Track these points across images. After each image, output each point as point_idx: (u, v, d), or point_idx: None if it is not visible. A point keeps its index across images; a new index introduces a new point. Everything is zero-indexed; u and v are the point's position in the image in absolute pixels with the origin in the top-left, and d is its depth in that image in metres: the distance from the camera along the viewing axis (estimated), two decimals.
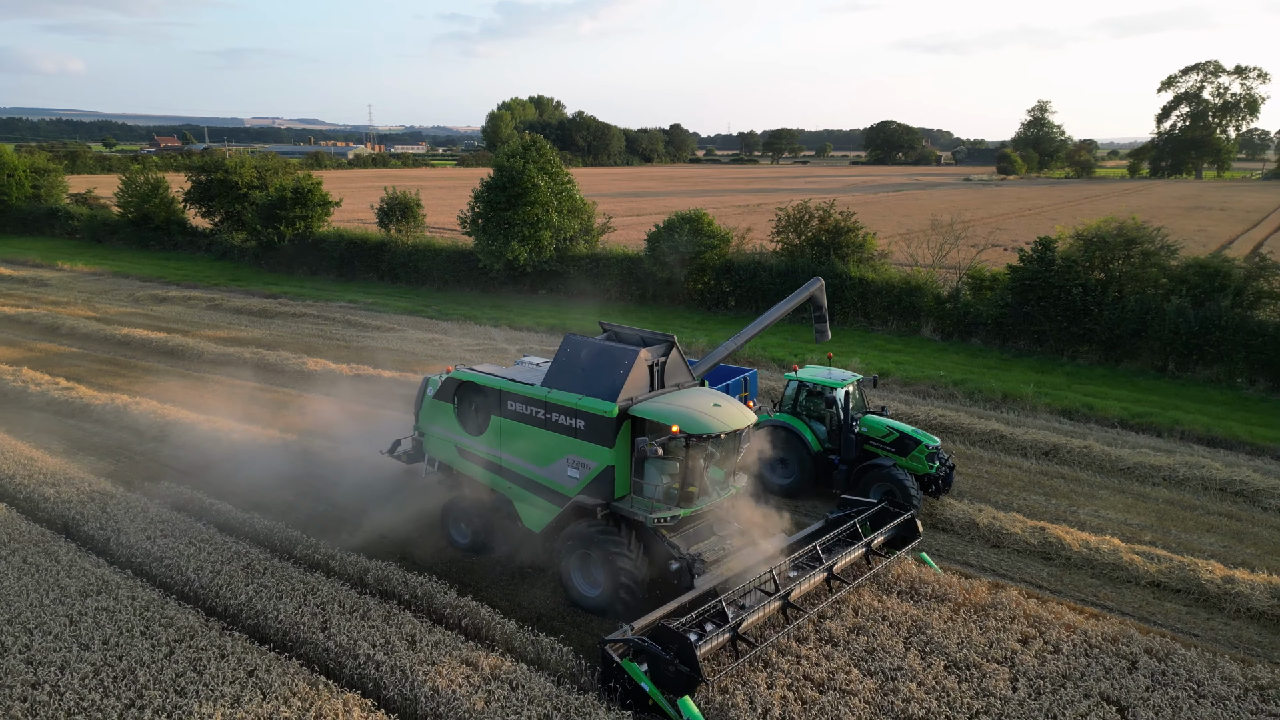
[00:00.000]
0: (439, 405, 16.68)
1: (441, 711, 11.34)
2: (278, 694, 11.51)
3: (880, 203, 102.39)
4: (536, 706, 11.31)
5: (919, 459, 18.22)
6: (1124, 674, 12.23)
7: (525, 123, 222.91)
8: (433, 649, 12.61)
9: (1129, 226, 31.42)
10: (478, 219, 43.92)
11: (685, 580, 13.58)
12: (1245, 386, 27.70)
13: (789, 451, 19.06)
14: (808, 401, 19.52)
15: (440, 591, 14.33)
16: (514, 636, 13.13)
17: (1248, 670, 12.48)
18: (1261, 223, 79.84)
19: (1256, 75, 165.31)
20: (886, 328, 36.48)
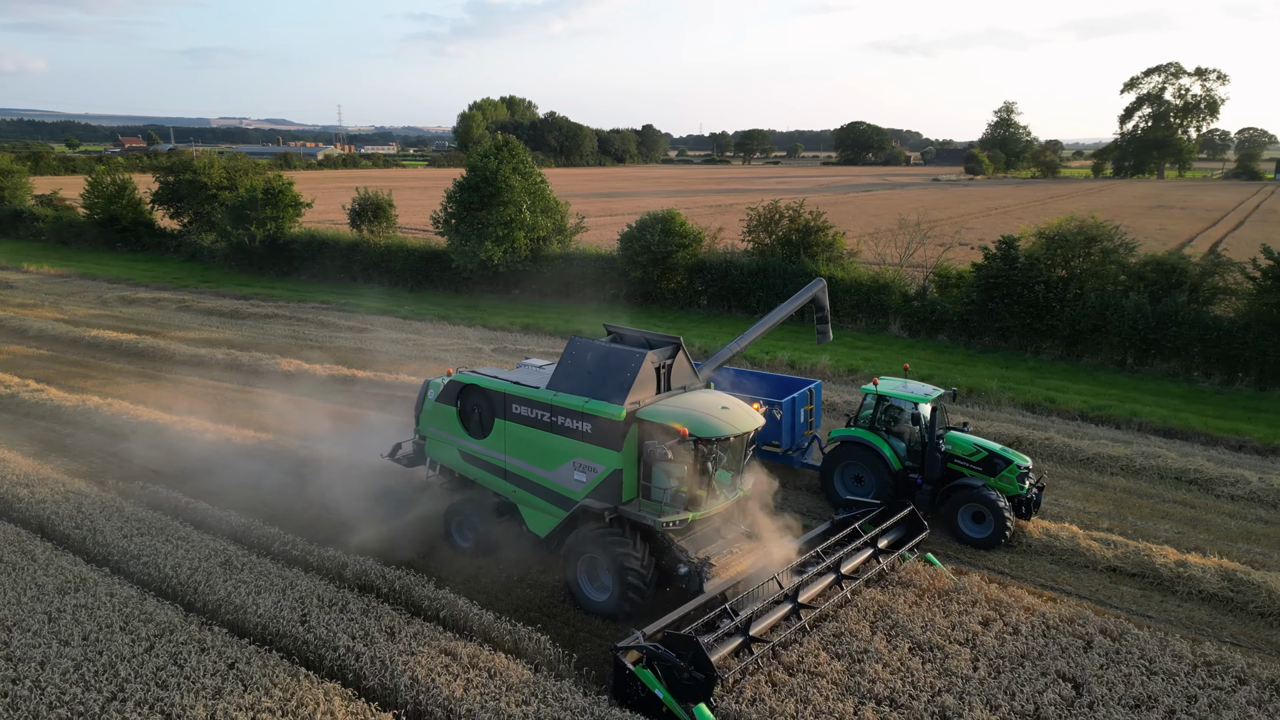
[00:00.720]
0: (441, 408, 16.52)
1: (421, 699, 11.58)
2: (259, 685, 11.70)
3: (850, 203, 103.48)
4: (514, 693, 11.60)
5: (1009, 479, 17.24)
6: (1079, 653, 12.76)
7: (497, 123, 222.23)
8: (411, 639, 12.86)
9: (1089, 225, 32.23)
10: (451, 219, 44.01)
11: (694, 584, 13.46)
12: (1201, 380, 28.58)
13: (866, 469, 18.24)
14: (886, 416, 18.55)
15: (418, 585, 14.54)
16: (491, 627, 13.38)
17: (1197, 648, 13.05)
18: (1220, 221, 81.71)
19: (1216, 77, 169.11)
20: (856, 325, 37.07)
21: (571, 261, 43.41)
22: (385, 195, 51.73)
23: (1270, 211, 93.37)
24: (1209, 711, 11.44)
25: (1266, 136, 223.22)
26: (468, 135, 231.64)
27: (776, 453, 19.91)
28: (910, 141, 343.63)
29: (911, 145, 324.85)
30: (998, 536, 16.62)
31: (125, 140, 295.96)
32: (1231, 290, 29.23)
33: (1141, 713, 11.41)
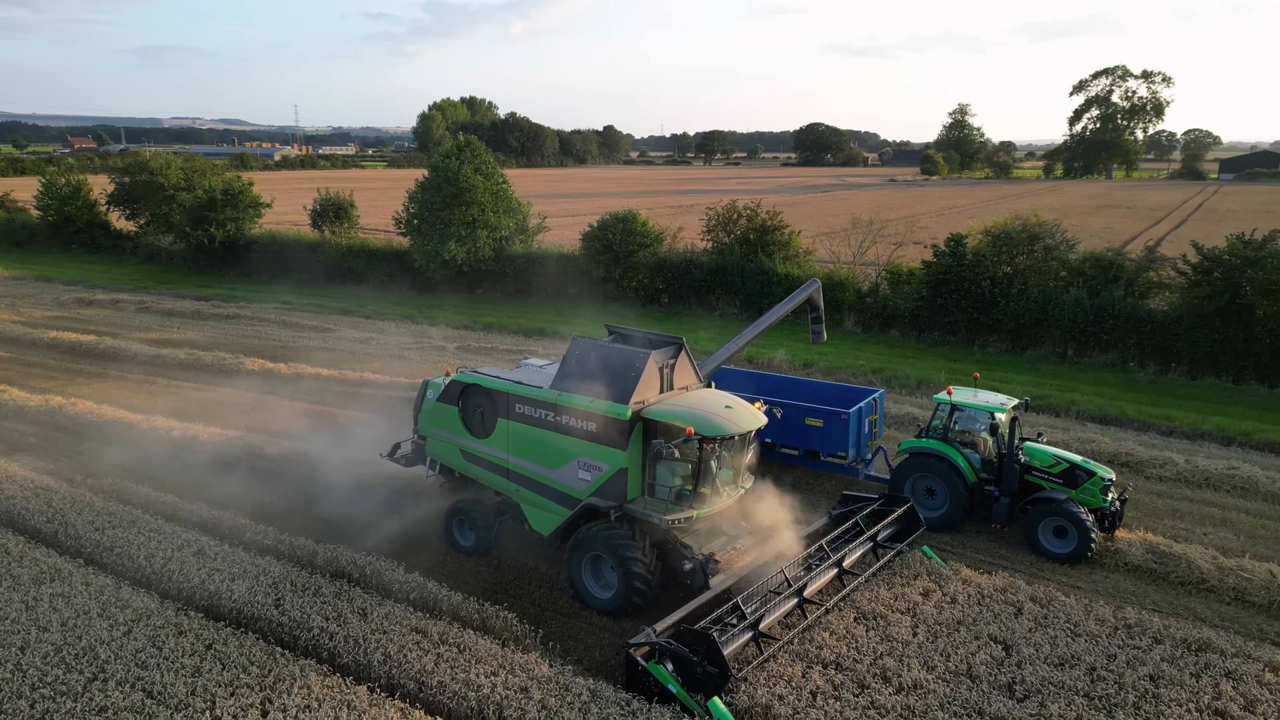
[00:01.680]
0: (442, 408, 16.54)
1: (394, 673, 12.18)
2: (236, 663, 12.21)
3: (809, 203, 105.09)
4: (484, 665, 12.25)
5: (1092, 492, 16.70)
6: (1010, 618, 13.72)
7: (457, 124, 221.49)
8: (383, 619, 13.44)
9: (1033, 224, 33.58)
10: (413, 219, 44.35)
11: (698, 580, 13.60)
12: (1136, 370, 30.00)
13: (939, 481, 17.65)
14: (960, 427, 18.08)
15: (388, 570, 15.09)
16: (460, 606, 14.01)
17: (1119, 613, 14.08)
18: (1163, 220, 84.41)
19: (1161, 80, 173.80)
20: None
21: (534, 261, 43.98)
22: (347, 196, 51.84)
23: (1211, 210, 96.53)
24: (1125, 668, 12.42)
25: (1211, 138, 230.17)
26: (428, 136, 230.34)
27: (842, 464, 19.48)
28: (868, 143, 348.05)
29: (869, 146, 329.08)
30: (1081, 552, 16.12)
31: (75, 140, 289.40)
32: (1165, 284, 30.72)
33: (1065, 670, 12.36)
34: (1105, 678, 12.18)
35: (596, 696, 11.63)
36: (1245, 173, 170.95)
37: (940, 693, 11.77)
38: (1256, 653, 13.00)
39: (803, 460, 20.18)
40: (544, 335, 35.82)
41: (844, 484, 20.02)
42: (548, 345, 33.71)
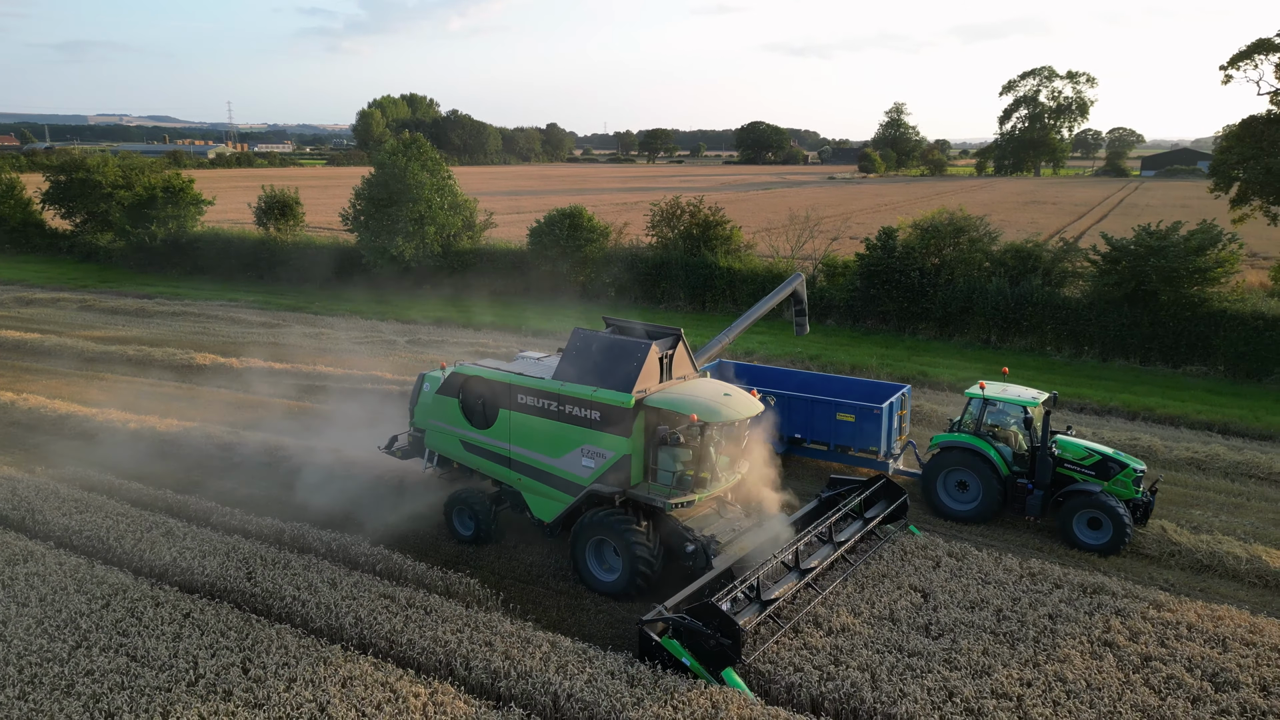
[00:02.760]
0: (442, 400, 16.89)
1: (365, 633, 13.09)
2: (215, 629, 13.00)
3: (750, 200, 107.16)
4: (449, 624, 13.23)
5: (1125, 484, 16.88)
6: (929, 570, 15.16)
7: (398, 121, 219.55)
8: (352, 587, 14.32)
9: (958, 217, 35.52)
10: (360, 216, 44.70)
11: (700, 561, 14.11)
12: (1053, 353, 32.06)
13: (972, 475, 17.82)
14: (992, 421, 18.24)
15: (354, 544, 15.97)
16: (425, 574, 14.97)
17: (1024, 563, 15.61)
18: (1086, 215, 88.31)
19: (1086, 80, 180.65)
20: None
21: (482, 256, 44.72)
22: (293, 193, 51.82)
23: (1132, 205, 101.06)
24: (1028, 608, 13.93)
25: (1134, 136, 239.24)
26: (368, 133, 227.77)
27: (874, 459, 19.75)
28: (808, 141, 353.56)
29: (809, 145, 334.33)
30: (1117, 543, 16.38)
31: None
32: (1078, 274, 32.85)
33: (975, 611, 13.82)
34: (1010, 617, 13.65)
35: (555, 647, 12.71)
36: (1165, 170, 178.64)
37: (865, 634, 13.11)
38: (1144, 594, 14.61)
39: (832, 455, 20.49)
40: (493, 329, 36.64)
41: (837, 471, 20.32)
42: (498, 339, 34.56)
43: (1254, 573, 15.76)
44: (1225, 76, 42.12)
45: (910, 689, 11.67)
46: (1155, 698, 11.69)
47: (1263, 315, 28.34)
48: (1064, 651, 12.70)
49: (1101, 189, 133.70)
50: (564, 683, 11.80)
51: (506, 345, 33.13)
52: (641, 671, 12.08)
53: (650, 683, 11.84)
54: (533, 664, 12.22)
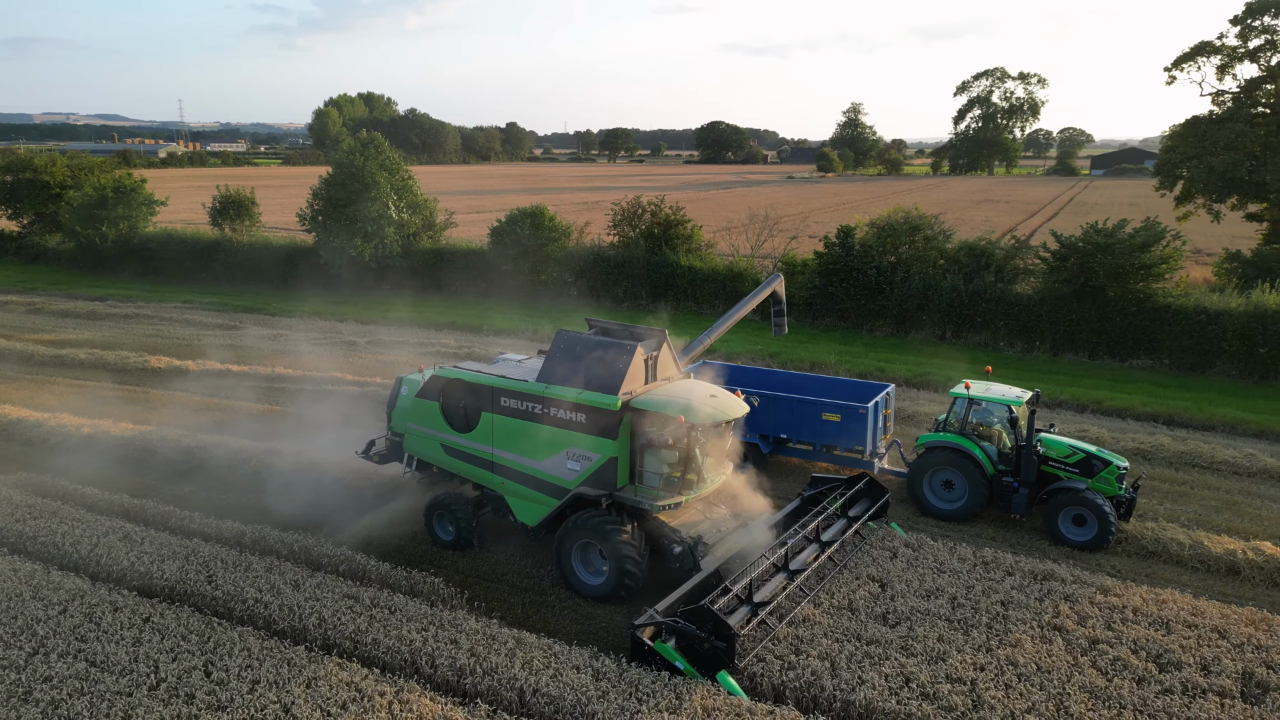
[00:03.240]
0: (422, 404, 16.61)
1: (329, 634, 13.08)
2: (175, 633, 12.90)
3: (711, 199, 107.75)
4: (414, 623, 13.28)
5: (1109, 480, 17.09)
6: (887, 561, 15.52)
7: (355, 120, 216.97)
8: (315, 588, 14.29)
9: (914, 216, 36.18)
10: (318, 216, 44.26)
11: (688, 563, 14.07)
12: (1006, 348, 32.82)
13: (957, 474, 17.93)
14: (977, 420, 18.32)
15: (317, 545, 15.91)
16: (389, 574, 14.97)
17: (978, 553, 16.03)
18: (1037, 213, 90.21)
19: (1037, 81, 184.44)
20: (714, 310, 39.83)
21: (443, 256, 44.52)
22: (248, 193, 51.11)
23: (1082, 204, 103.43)
24: (981, 596, 14.33)
25: (1084, 135, 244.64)
26: (324, 132, 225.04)
27: (859, 458, 19.73)
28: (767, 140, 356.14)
29: (769, 144, 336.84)
30: (1102, 539, 16.59)
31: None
32: (1029, 271, 33.66)
33: (931, 600, 14.19)
34: (964, 604, 14.04)
35: (521, 643, 12.83)
36: (1114, 168, 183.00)
37: (824, 624, 13.40)
38: (1091, 580, 15.10)
39: (817, 455, 20.46)
40: (455, 329, 36.52)
41: (823, 471, 20.31)
42: (460, 339, 34.46)
43: (1196, 558, 16.36)
44: (1170, 78, 43.48)
45: (868, 676, 11.98)
46: (1102, 679, 12.12)
47: (1205, 310, 29.29)
48: (1015, 636, 13.11)
49: (1052, 188, 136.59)
50: (529, 678, 11.92)
51: (469, 346, 33.06)
52: (606, 666, 12.24)
53: (615, 676, 12.00)
54: (498, 660, 12.32)
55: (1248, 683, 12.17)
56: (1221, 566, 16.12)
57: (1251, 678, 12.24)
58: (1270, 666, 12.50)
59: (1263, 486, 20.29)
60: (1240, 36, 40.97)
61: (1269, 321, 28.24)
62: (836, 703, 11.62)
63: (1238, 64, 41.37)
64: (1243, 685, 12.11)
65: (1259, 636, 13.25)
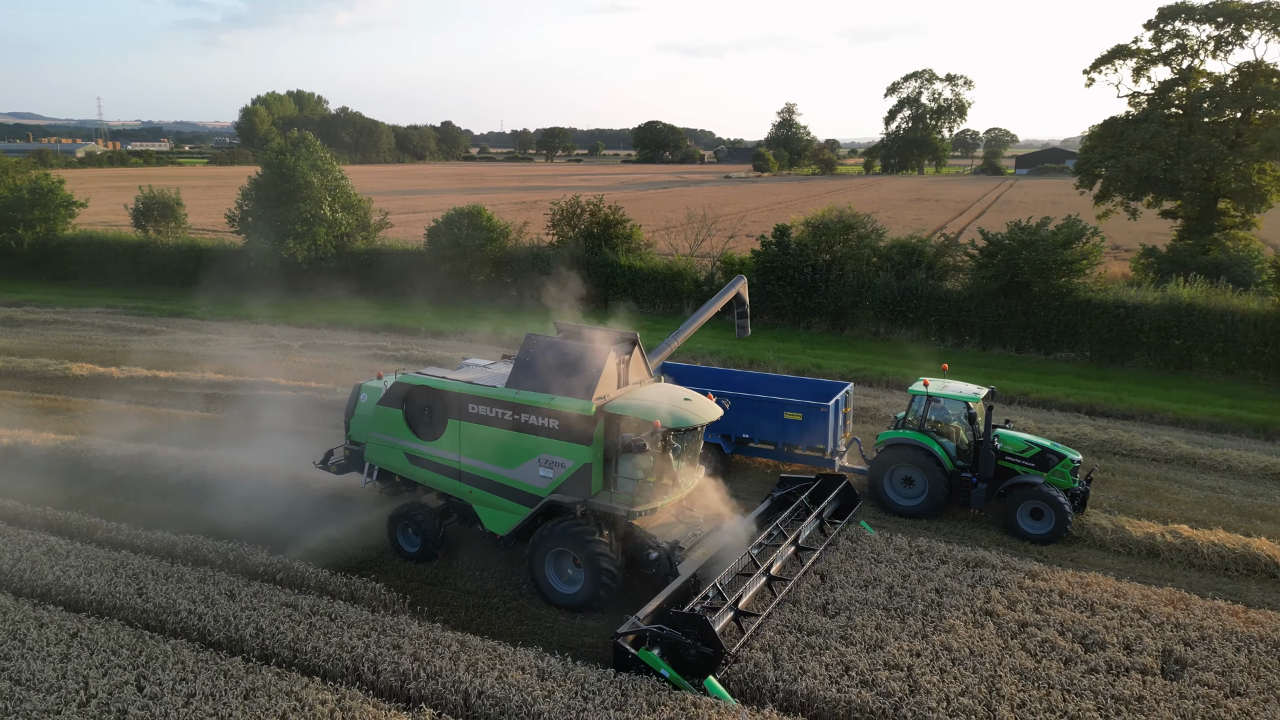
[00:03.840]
0: (385, 412, 16.12)
1: (267, 644, 12.83)
2: (105, 648, 12.51)
3: (649, 199, 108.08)
4: (355, 629, 13.11)
5: (1063, 474, 17.52)
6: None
7: (284, 119, 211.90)
8: (252, 598, 14.00)
9: (847, 215, 36.89)
10: (248, 217, 43.18)
11: (664, 568, 13.87)
12: (938, 343, 33.71)
13: (917, 471, 18.05)
14: (935, 417, 18.53)
15: (252, 554, 15.55)
16: (328, 581, 14.74)
17: (913, 542, 16.46)
18: (966, 211, 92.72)
19: (963, 83, 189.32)
20: (654, 309, 40.14)
21: (378, 257, 43.85)
22: (173, 194, 49.59)
23: (1008, 202, 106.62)
24: (917, 584, 14.73)
25: (1009, 136, 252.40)
26: (252, 131, 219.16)
27: (821, 456, 19.85)
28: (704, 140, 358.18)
29: (706, 144, 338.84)
30: (1058, 533, 16.92)
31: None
32: (958, 268, 34.62)
33: (869, 589, 14.53)
34: (900, 593, 14.42)
35: (465, 646, 12.78)
36: (1038, 168, 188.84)
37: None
38: (1020, 565, 15.65)
39: (778, 455, 20.51)
40: (392, 331, 36.03)
41: (786, 470, 20.49)
42: (397, 341, 34.02)
43: (1118, 542, 17.07)
44: (1089, 80, 45.19)
45: (809, 666, 12.24)
46: (1031, 660, 12.58)
47: (1124, 304, 30.52)
48: (950, 622, 13.52)
49: (979, 186, 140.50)
50: (474, 680, 11.88)
51: (406, 348, 32.66)
52: (552, 665, 12.27)
53: (561, 676, 12.04)
54: (442, 664, 12.24)
55: (1167, 660, 12.75)
56: (1142, 549, 16.86)
57: (1171, 655, 12.84)
58: (1188, 643, 13.12)
59: (1179, 472, 21.25)
60: (1154, 40, 42.80)
61: (1183, 314, 29.57)
62: (779, 693, 11.84)
63: (1152, 67, 43.20)
64: (1163, 662, 12.69)
65: (1177, 615, 13.90)
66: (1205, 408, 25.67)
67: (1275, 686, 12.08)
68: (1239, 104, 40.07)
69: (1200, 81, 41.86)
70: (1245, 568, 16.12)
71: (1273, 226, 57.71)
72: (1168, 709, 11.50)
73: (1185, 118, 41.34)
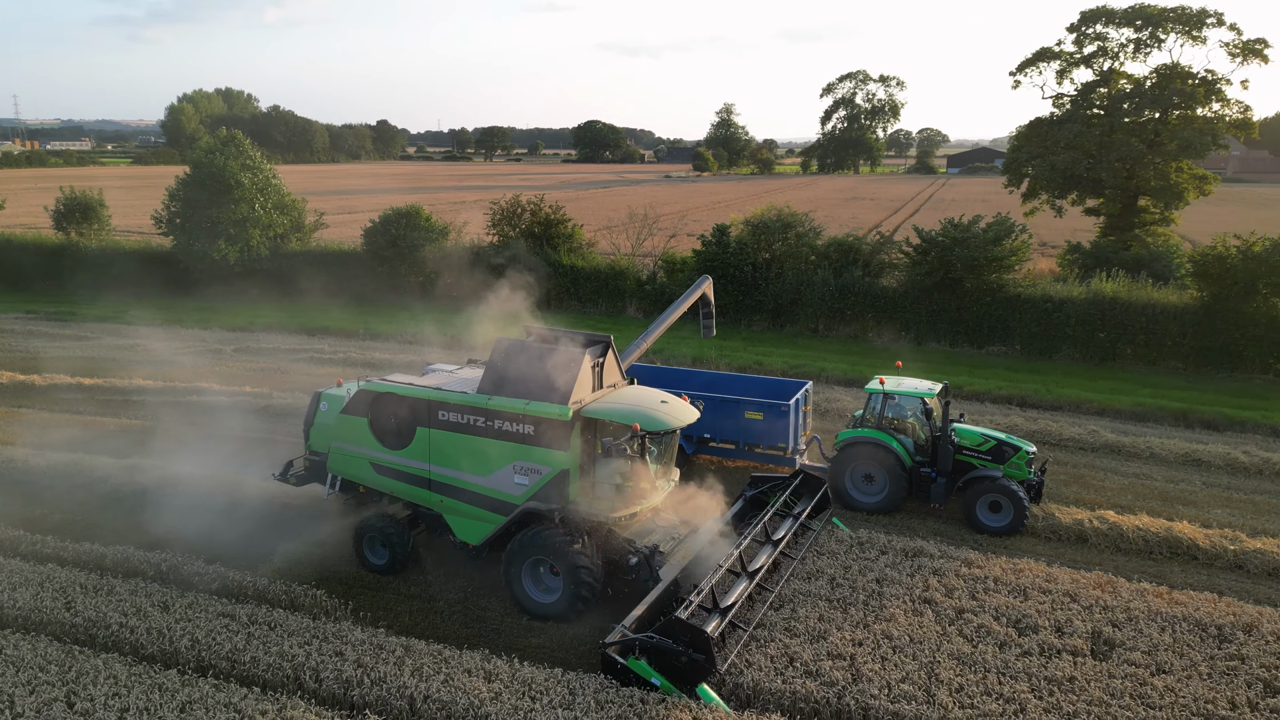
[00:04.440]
0: (348, 420, 15.57)
1: (204, 655, 12.51)
2: (32, 664, 12.07)
3: (590, 198, 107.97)
4: (296, 637, 12.86)
5: (1019, 466, 17.70)
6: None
7: (212, 117, 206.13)
8: (187, 609, 13.64)
9: (786, 214, 37.39)
10: (176, 218, 41.93)
11: (644, 574, 13.61)
12: (875, 339, 34.39)
13: (877, 468, 18.21)
14: (892, 414, 18.75)
15: (186, 563, 15.12)
16: (267, 589, 14.40)
17: (854, 534, 16.78)
18: (900, 209, 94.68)
19: (896, 83, 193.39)
20: (597, 309, 40.16)
21: (313, 258, 42.99)
22: (96, 194, 47.87)
23: (940, 200, 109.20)
24: (858, 575, 15.03)
25: (941, 136, 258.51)
26: (178, 130, 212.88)
27: (781, 455, 19.84)
28: (645, 140, 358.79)
29: (646, 144, 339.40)
30: (1017, 524, 17.19)
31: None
32: (894, 265, 35.36)
33: (812, 581, 14.76)
34: (842, 584, 14.69)
35: (410, 650, 12.64)
36: (968, 167, 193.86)
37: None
38: (956, 554, 16.08)
39: (740, 454, 20.46)
40: (328, 334, 35.36)
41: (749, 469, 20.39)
42: (334, 344, 33.41)
43: (1048, 529, 17.63)
44: (1015, 81, 46.42)
45: (755, 658, 12.40)
46: (968, 646, 12.94)
47: (1051, 298, 31.54)
48: (890, 611, 13.83)
49: (913, 185, 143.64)
50: (420, 685, 11.75)
51: (344, 350, 32.10)
52: (499, 667, 12.22)
53: (508, 677, 11.99)
54: (386, 669, 12.09)
55: (1097, 641, 13.24)
56: (1071, 535, 17.46)
57: (1100, 636, 13.32)
58: (1116, 625, 13.64)
59: (1105, 460, 22.05)
60: (1076, 43, 44.19)
61: (1107, 308, 30.68)
62: (726, 685, 11.96)
63: (1074, 69, 44.64)
64: (1092, 644, 13.17)
65: (1105, 598, 14.44)
66: (1129, 397, 26.68)
67: (1198, 664, 12.64)
68: (1157, 105, 41.62)
69: (1120, 83, 43.40)
70: (1168, 550, 16.81)
71: (1191, 223, 60.18)
72: (1097, 688, 11.95)
73: (1106, 118, 42.80)
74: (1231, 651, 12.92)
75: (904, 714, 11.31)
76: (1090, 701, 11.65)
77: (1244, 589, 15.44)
